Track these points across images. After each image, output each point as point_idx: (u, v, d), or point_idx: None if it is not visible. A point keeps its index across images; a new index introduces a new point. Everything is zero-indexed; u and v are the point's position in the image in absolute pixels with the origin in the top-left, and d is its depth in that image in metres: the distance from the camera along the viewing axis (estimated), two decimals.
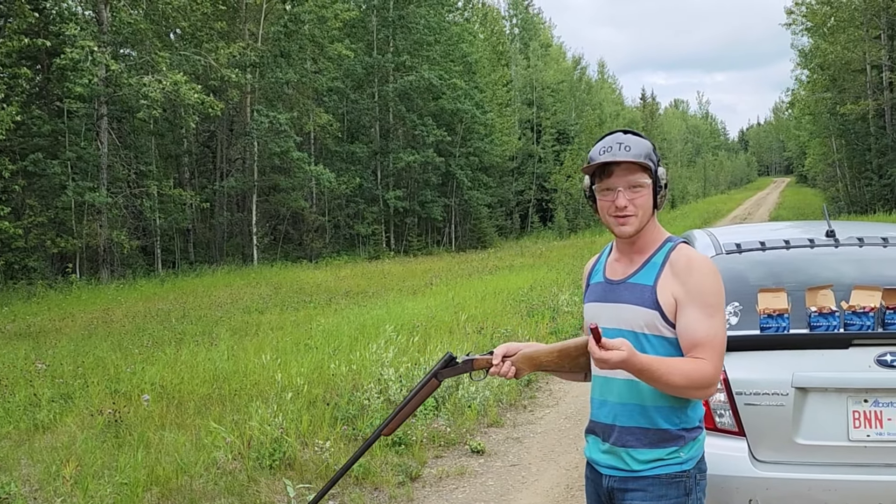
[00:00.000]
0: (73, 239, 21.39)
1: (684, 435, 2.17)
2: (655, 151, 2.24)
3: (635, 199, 2.18)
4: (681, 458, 2.16)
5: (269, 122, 27.25)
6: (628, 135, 2.23)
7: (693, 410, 2.20)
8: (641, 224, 2.20)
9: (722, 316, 2.13)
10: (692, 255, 2.18)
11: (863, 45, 34.58)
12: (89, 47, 20.02)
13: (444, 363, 2.41)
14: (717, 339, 2.11)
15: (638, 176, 2.18)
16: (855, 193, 38.66)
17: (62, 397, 7.30)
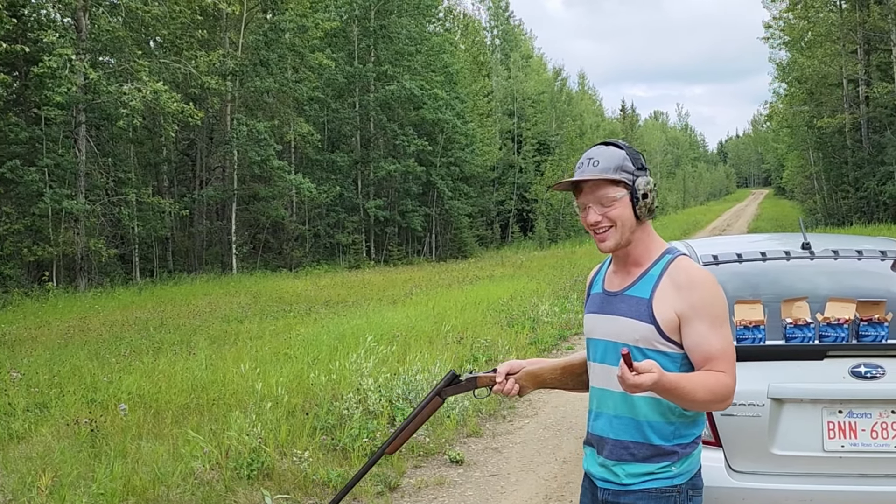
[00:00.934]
0: (50, 247, 21.17)
1: (678, 451, 2.14)
2: (636, 160, 2.17)
3: (608, 212, 2.15)
4: (672, 473, 2.13)
5: (248, 130, 27.17)
6: (603, 147, 2.20)
7: (689, 426, 2.17)
8: (623, 237, 2.16)
9: (728, 326, 2.12)
10: (692, 269, 2.15)
11: (839, 60, 35.04)
12: (67, 56, 19.87)
13: (448, 381, 2.39)
14: (730, 350, 2.11)
15: (607, 190, 2.14)
16: (832, 206, 39.10)
17: (37, 407, 7.21)
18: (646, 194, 2.14)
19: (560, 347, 10.85)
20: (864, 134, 35.77)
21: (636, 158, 2.17)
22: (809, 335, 3.14)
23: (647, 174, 2.18)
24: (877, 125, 35.29)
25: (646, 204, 2.15)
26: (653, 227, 2.24)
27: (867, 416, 3.00)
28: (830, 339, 3.13)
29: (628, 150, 2.18)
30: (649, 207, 2.16)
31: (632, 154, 2.18)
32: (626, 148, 2.19)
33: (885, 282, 3.62)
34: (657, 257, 2.19)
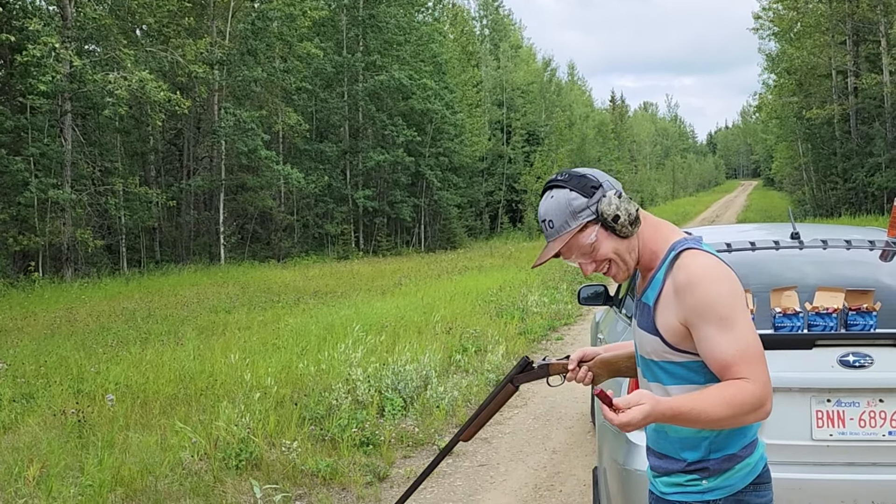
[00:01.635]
0: (36, 237, 21.01)
1: (709, 466, 1.94)
2: (584, 187, 1.95)
3: (596, 256, 1.99)
4: (702, 487, 1.95)
5: (236, 120, 27.03)
6: (547, 199, 2.01)
7: (727, 438, 1.95)
8: (627, 264, 2.00)
9: (743, 322, 1.86)
10: (692, 265, 1.90)
11: (828, 51, 35.14)
12: (52, 44, 19.68)
13: (521, 368, 2.28)
14: (749, 349, 1.84)
15: (578, 240, 1.97)
16: (821, 197, 39.27)
17: (24, 397, 7.17)
18: (616, 216, 1.93)
19: (549, 338, 10.87)
20: (852, 125, 35.92)
21: (584, 185, 1.95)
22: (798, 324, 3.14)
23: (604, 190, 1.95)
24: (865, 116, 35.45)
25: (622, 223, 1.93)
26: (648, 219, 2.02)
27: (855, 404, 3.01)
28: (819, 328, 3.14)
29: (571, 184, 1.96)
30: (629, 222, 1.94)
31: (575, 184, 1.96)
32: (567, 182, 1.97)
33: (874, 271, 3.63)
34: (664, 256, 1.98)
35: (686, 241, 1.97)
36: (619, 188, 1.98)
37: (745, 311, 1.88)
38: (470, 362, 8.56)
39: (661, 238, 2.01)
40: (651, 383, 2.04)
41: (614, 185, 1.98)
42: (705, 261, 1.91)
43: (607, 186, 1.96)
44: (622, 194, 1.95)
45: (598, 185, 1.96)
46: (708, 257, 1.92)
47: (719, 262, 1.92)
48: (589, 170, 2.02)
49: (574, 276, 17.68)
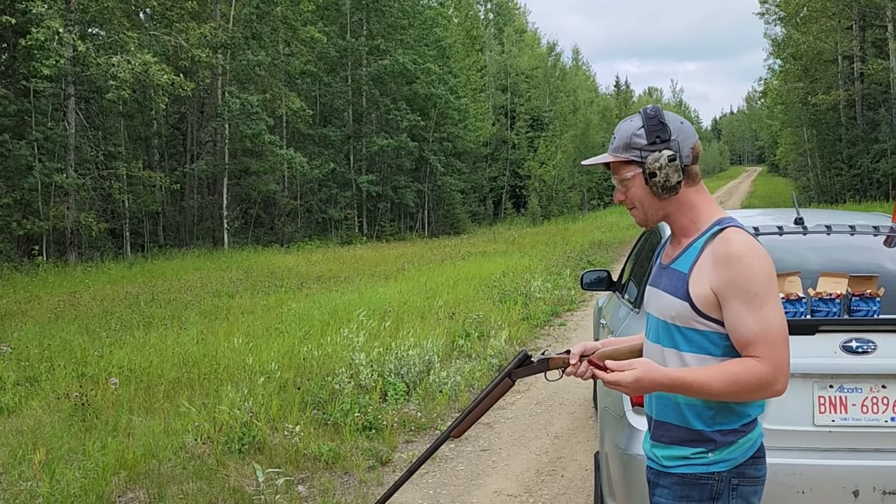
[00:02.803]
0: (40, 221, 21.04)
1: (716, 438, 2.00)
2: (653, 132, 2.02)
3: (627, 192, 2.09)
4: (708, 460, 2.00)
5: (240, 104, 26.96)
6: (627, 120, 2.10)
7: (732, 412, 2.00)
8: (648, 214, 2.09)
9: (773, 304, 1.91)
10: (735, 239, 1.96)
11: (835, 36, 34.93)
12: (55, 28, 19.61)
13: (519, 362, 2.27)
14: (772, 331, 1.90)
15: (622, 171, 2.08)
16: (825, 183, 39.16)
17: (28, 380, 7.20)
18: (653, 173, 2.00)
19: (552, 324, 10.87)
20: (858, 111, 35.76)
21: (653, 130, 2.02)
22: (801, 310, 3.13)
23: (668, 145, 2.01)
24: (871, 102, 35.29)
25: (656, 183, 2.01)
26: (702, 193, 2.07)
27: (858, 390, 3.01)
28: (822, 313, 3.13)
29: (647, 122, 2.04)
30: (662, 185, 2.01)
31: (650, 125, 2.03)
32: (647, 118, 2.04)
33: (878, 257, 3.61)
34: (706, 228, 2.04)
35: (732, 220, 2.03)
36: (682, 152, 2.03)
37: (776, 293, 1.94)
38: (473, 347, 8.57)
39: (706, 212, 2.07)
40: (667, 349, 2.07)
41: (680, 148, 2.03)
42: (748, 239, 1.97)
43: (673, 147, 2.02)
44: (676, 160, 2.00)
45: (666, 139, 2.03)
46: (750, 237, 1.98)
47: (759, 244, 1.98)
48: (679, 122, 2.06)
49: (577, 263, 17.68)
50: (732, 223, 2.01)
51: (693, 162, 2.06)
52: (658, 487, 2.10)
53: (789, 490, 2.93)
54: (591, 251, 20.84)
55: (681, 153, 2.02)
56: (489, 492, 4.88)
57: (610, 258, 19.17)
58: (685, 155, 2.03)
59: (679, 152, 2.02)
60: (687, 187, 2.06)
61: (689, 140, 2.04)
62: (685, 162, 2.03)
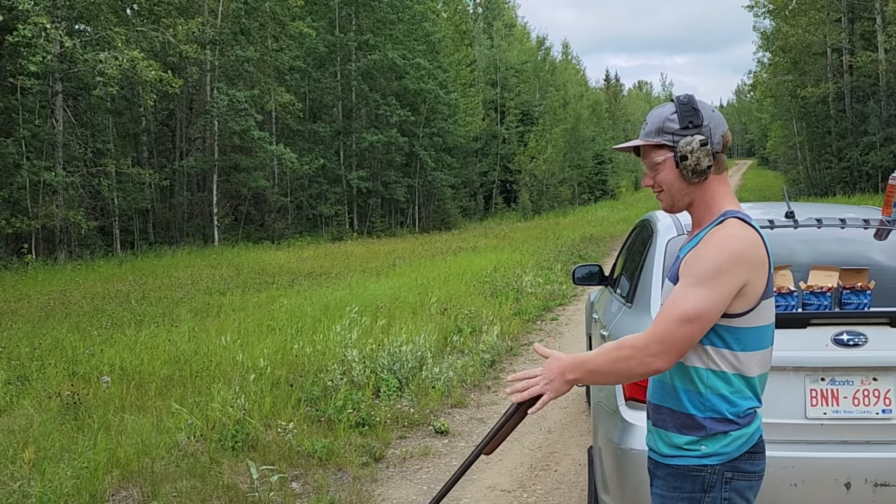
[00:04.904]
0: (29, 219, 20.92)
1: (707, 426, 2.01)
2: (685, 117, 2.05)
3: (656, 176, 2.12)
4: (700, 452, 2.02)
5: (228, 100, 26.86)
6: (660, 106, 2.14)
7: (722, 399, 2.01)
8: (675, 200, 2.11)
9: (707, 293, 1.93)
10: (723, 228, 2.00)
11: (823, 28, 35.04)
12: (42, 24, 19.48)
13: None
14: (678, 309, 1.94)
15: (652, 155, 2.11)
16: (815, 176, 39.30)
17: (18, 379, 7.17)
18: (685, 156, 2.03)
19: (545, 318, 10.89)
20: (847, 103, 35.89)
21: (686, 116, 2.05)
22: (793, 303, 3.14)
23: (700, 131, 2.04)
24: (860, 95, 35.42)
25: (686, 166, 2.04)
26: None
27: (849, 383, 3.02)
28: (813, 307, 3.14)
29: (680, 107, 2.07)
30: (693, 169, 2.03)
31: (683, 111, 2.06)
32: (680, 104, 2.08)
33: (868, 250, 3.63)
34: (714, 219, 2.07)
35: (738, 213, 2.05)
36: (713, 138, 2.06)
37: (719, 288, 1.94)
38: (465, 343, 8.57)
39: (721, 202, 2.09)
40: None
41: (711, 134, 2.06)
42: (736, 231, 1.99)
43: (705, 132, 2.05)
44: (708, 145, 2.04)
45: (699, 125, 2.06)
46: (744, 232, 2.00)
47: (750, 240, 1.99)
48: (711, 110, 2.09)
49: (568, 257, 17.70)
50: (737, 214, 2.04)
51: (722, 150, 2.09)
52: (655, 478, 2.13)
53: (781, 483, 2.95)
54: (582, 245, 20.88)
55: (712, 139, 2.06)
56: (483, 487, 4.89)
57: (601, 252, 19.21)
58: (716, 142, 2.06)
59: (710, 138, 2.06)
60: (714, 174, 2.09)
61: (721, 128, 2.08)
62: (716, 148, 2.06)
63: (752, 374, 2.04)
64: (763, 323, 2.03)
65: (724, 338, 2.01)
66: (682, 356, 1.99)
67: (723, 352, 2.01)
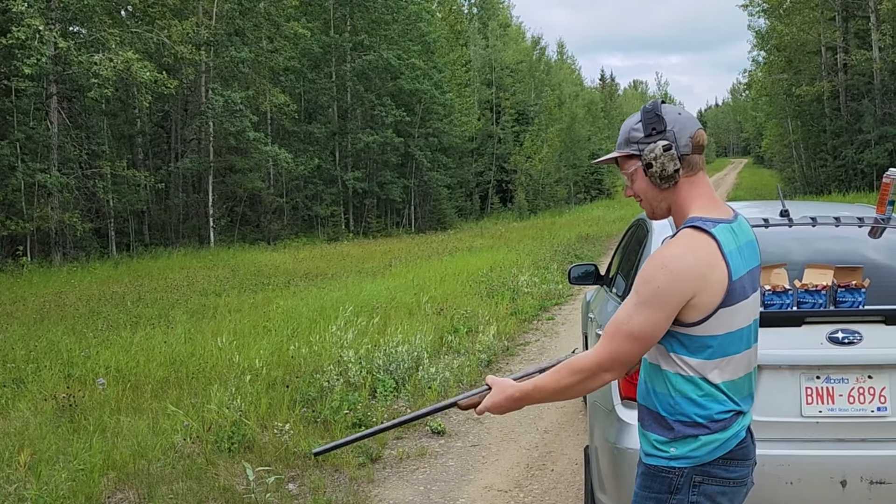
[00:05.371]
0: (24, 221, 20.87)
1: (676, 428, 2.01)
2: (649, 125, 2.06)
3: (633, 186, 2.14)
4: (669, 454, 2.02)
5: (223, 101, 26.82)
6: (630, 116, 2.14)
7: (691, 404, 2.00)
8: (653, 207, 2.13)
9: (648, 311, 1.94)
10: (671, 242, 1.99)
11: (818, 27, 35.10)
12: (36, 26, 19.44)
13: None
14: (623, 328, 1.96)
15: (625, 165, 2.14)
16: (810, 174, 39.35)
17: (14, 382, 7.15)
18: (650, 164, 2.04)
19: (541, 318, 10.89)
20: (842, 102, 35.95)
21: (649, 123, 2.06)
22: (787, 302, 3.14)
23: (663, 136, 2.04)
24: (855, 93, 35.47)
25: (653, 173, 2.04)
26: (698, 186, 2.07)
27: (844, 381, 3.03)
28: (808, 305, 3.14)
29: (644, 115, 2.08)
30: (659, 175, 2.03)
31: (646, 119, 2.07)
32: (644, 112, 2.09)
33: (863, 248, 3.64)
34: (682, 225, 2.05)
35: (696, 220, 2.01)
36: (679, 142, 2.04)
37: (658, 307, 1.93)
38: (461, 343, 8.57)
39: (690, 208, 2.07)
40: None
41: (676, 138, 2.04)
42: (677, 250, 1.96)
43: (669, 137, 2.04)
44: (672, 149, 2.02)
45: (662, 130, 2.05)
46: (688, 247, 1.96)
47: (693, 254, 1.94)
48: (676, 113, 2.08)
49: (564, 256, 17.71)
50: (693, 223, 2.00)
51: (693, 151, 2.07)
52: (638, 476, 2.15)
53: (777, 481, 2.96)
54: (578, 245, 20.89)
55: (677, 143, 2.04)
56: (479, 487, 4.89)
57: (597, 252, 19.22)
58: (682, 144, 2.05)
59: (675, 142, 2.04)
60: (684, 177, 2.07)
61: (688, 129, 2.06)
62: (682, 151, 2.05)
63: (721, 380, 2.00)
64: (724, 331, 1.98)
65: (684, 344, 2.00)
66: (632, 365, 2.04)
67: (685, 358, 2.00)
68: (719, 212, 2.07)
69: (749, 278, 2.04)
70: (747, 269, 2.04)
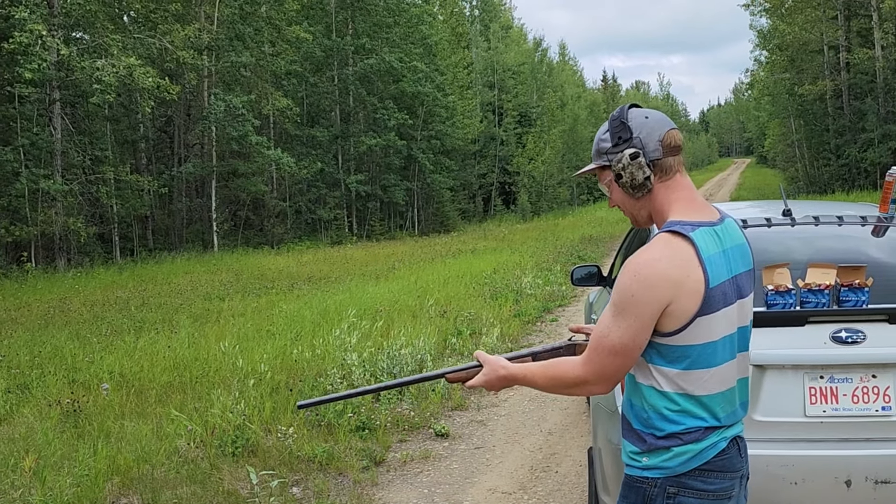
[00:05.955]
0: (28, 227, 20.92)
1: (647, 439, 1.97)
2: (615, 133, 2.00)
3: (612, 196, 2.10)
4: (641, 464, 1.98)
5: (226, 105, 26.85)
6: (603, 124, 2.08)
7: (662, 419, 1.95)
8: (634, 216, 2.09)
9: (623, 320, 1.89)
10: (644, 248, 1.93)
11: (820, 26, 35.07)
12: (39, 31, 19.50)
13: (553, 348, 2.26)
14: (606, 341, 1.91)
15: (602, 177, 2.10)
16: (813, 173, 39.30)
17: (19, 388, 7.16)
18: (619, 174, 1.98)
19: (544, 319, 10.88)
20: (844, 101, 35.91)
21: (615, 132, 2.00)
22: (790, 301, 3.14)
23: (630, 144, 1.98)
24: (857, 92, 35.43)
25: (623, 184, 1.99)
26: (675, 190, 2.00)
27: (848, 380, 3.02)
28: (811, 305, 3.14)
29: (611, 124, 2.02)
30: (630, 184, 1.98)
31: (612, 128, 2.01)
32: (611, 121, 2.03)
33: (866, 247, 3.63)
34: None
35: (674, 224, 1.95)
36: (647, 147, 1.97)
37: (636, 315, 1.88)
38: (465, 345, 8.56)
39: (669, 212, 2.00)
40: None
41: (643, 144, 1.98)
42: (650, 256, 1.90)
43: (636, 143, 1.98)
44: (639, 156, 1.96)
45: (627, 138, 1.99)
46: (661, 253, 1.90)
47: (667, 260, 1.88)
48: (643, 118, 2.00)
49: (567, 258, 17.70)
50: (670, 228, 1.93)
51: (666, 154, 1.99)
52: None
53: (782, 481, 2.95)
54: (581, 246, 20.88)
55: (645, 149, 1.97)
56: (484, 489, 4.89)
57: (600, 253, 19.21)
58: (651, 150, 1.97)
59: (643, 148, 1.97)
60: (658, 182, 2.00)
61: (655, 133, 1.98)
62: (651, 157, 1.97)
63: (701, 392, 1.93)
64: (705, 340, 1.90)
65: (664, 355, 1.93)
66: (620, 379, 1.98)
67: (664, 370, 1.93)
68: (700, 214, 1.99)
69: (732, 284, 1.96)
70: (731, 274, 1.96)
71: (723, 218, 2.03)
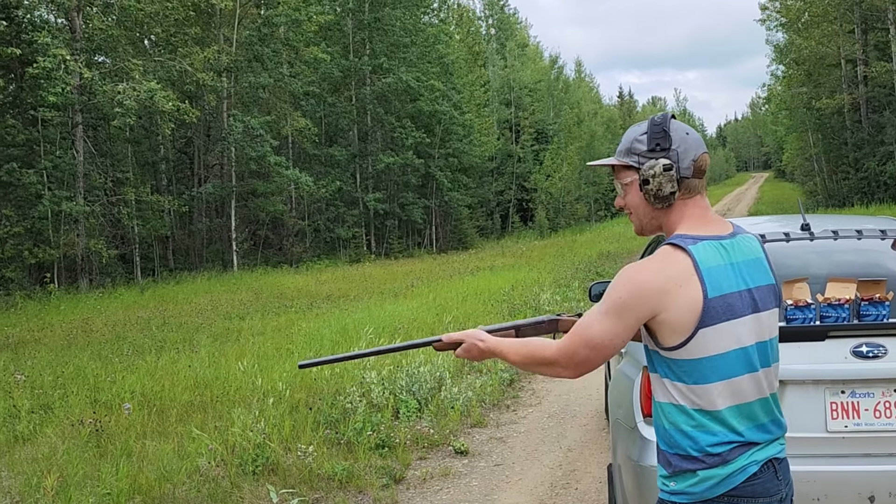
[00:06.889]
0: (51, 249, 21.17)
1: (673, 462, 1.94)
2: (654, 139, 1.98)
3: (625, 197, 2.07)
4: (670, 489, 1.95)
5: (244, 126, 27.09)
6: (636, 125, 2.06)
7: (684, 437, 1.92)
8: (642, 223, 2.07)
9: (612, 320, 1.92)
10: (647, 258, 1.98)
11: (837, 40, 34.93)
12: (62, 56, 19.82)
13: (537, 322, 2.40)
14: (587, 333, 1.95)
15: (622, 175, 2.06)
16: (832, 187, 39.01)
17: (42, 408, 7.23)
18: (647, 180, 1.96)
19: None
20: (863, 114, 35.68)
21: (654, 138, 1.98)
22: (810, 316, 3.13)
23: (666, 154, 1.96)
24: (876, 105, 35.20)
25: (648, 190, 1.97)
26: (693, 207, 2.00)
27: (870, 395, 3.00)
28: (831, 319, 3.12)
29: (651, 128, 2.00)
30: (654, 194, 1.96)
31: (652, 132, 1.99)
32: (651, 125, 2.01)
33: (886, 261, 3.61)
34: None
35: (676, 238, 1.97)
36: (681, 163, 1.97)
37: (621, 315, 1.92)
38: (484, 362, 8.56)
39: (678, 230, 2.00)
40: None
41: (679, 159, 1.97)
42: (653, 262, 1.94)
43: (672, 157, 1.97)
44: (672, 170, 1.95)
45: (666, 148, 1.98)
46: (658, 264, 1.92)
47: (661, 270, 1.90)
48: (685, 133, 2.01)
49: (585, 274, 17.65)
50: (672, 241, 1.95)
51: (694, 175, 1.99)
52: None
53: (804, 498, 2.92)
54: (599, 262, 20.82)
55: (679, 164, 1.97)
56: None
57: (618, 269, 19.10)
58: (684, 167, 1.97)
59: (678, 163, 1.97)
60: (679, 199, 1.99)
61: (692, 152, 1.98)
62: (683, 174, 1.97)
63: (715, 407, 1.90)
64: (713, 353, 1.89)
65: (673, 370, 1.93)
66: (587, 371, 2.02)
67: (677, 385, 1.92)
68: (708, 229, 1.99)
69: (745, 297, 1.94)
70: (744, 287, 1.94)
71: (735, 233, 2.03)
